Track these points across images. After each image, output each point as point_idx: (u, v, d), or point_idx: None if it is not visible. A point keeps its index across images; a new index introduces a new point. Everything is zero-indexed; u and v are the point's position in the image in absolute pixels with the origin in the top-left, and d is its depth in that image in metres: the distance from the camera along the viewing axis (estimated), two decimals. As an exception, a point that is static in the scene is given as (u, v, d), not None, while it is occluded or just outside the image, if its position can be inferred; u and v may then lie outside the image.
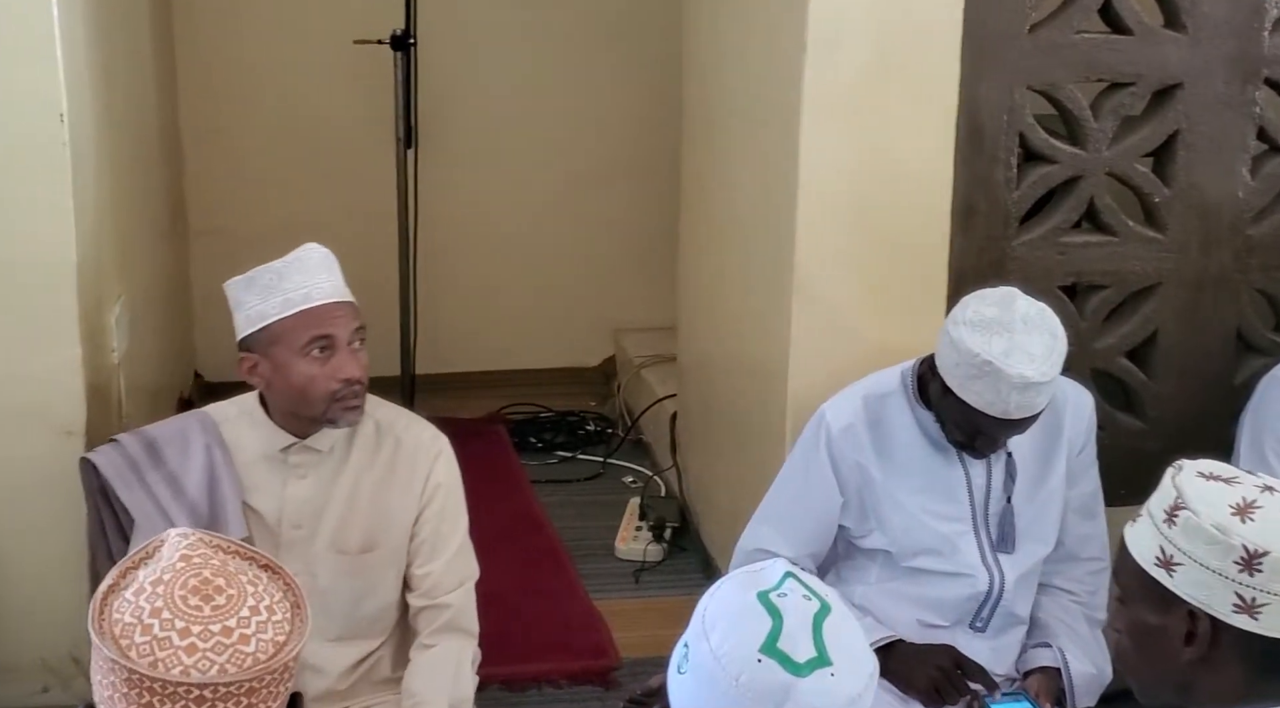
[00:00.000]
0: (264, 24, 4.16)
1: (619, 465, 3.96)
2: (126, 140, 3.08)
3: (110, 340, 2.72)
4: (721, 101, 3.15)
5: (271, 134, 4.23)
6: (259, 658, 1.17)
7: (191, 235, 4.18)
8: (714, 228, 3.26)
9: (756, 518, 2.39)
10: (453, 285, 4.39)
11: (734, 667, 1.22)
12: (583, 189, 4.45)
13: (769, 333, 2.76)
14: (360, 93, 4.14)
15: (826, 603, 1.27)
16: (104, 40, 2.80)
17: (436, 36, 3.99)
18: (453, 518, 2.21)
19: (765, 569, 1.31)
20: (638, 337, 4.36)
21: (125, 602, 1.18)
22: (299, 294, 2.07)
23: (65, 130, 2.39)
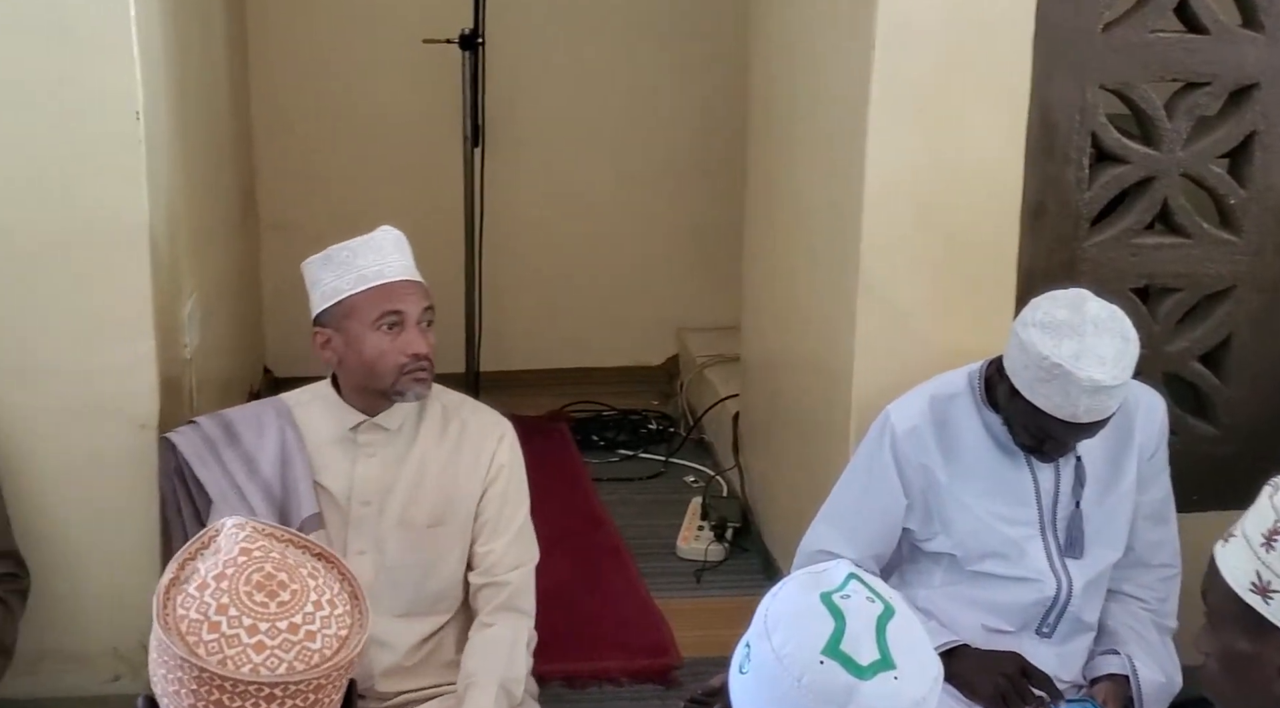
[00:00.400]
0: (335, 23, 4.21)
1: (681, 465, 3.96)
2: (200, 138, 3.13)
3: (183, 335, 2.77)
4: (788, 99, 3.14)
5: (340, 131, 4.28)
6: (325, 654, 1.17)
7: (262, 231, 4.24)
8: (779, 227, 3.24)
9: (819, 519, 2.38)
10: (517, 283, 4.41)
11: (796, 668, 1.21)
12: (647, 188, 4.45)
13: (834, 333, 2.74)
14: (428, 91, 4.17)
15: (890, 605, 1.26)
16: (179, 39, 2.85)
17: (504, 36, 4.01)
18: (515, 500, 2.28)
19: (828, 570, 1.30)
20: (701, 336, 4.36)
21: (189, 597, 1.18)
22: (372, 271, 2.17)
23: (141, 128, 2.42)
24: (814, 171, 2.92)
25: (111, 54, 2.39)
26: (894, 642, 1.22)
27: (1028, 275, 2.58)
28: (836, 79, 2.72)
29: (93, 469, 2.54)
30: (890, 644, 1.22)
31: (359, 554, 2.21)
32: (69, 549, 2.54)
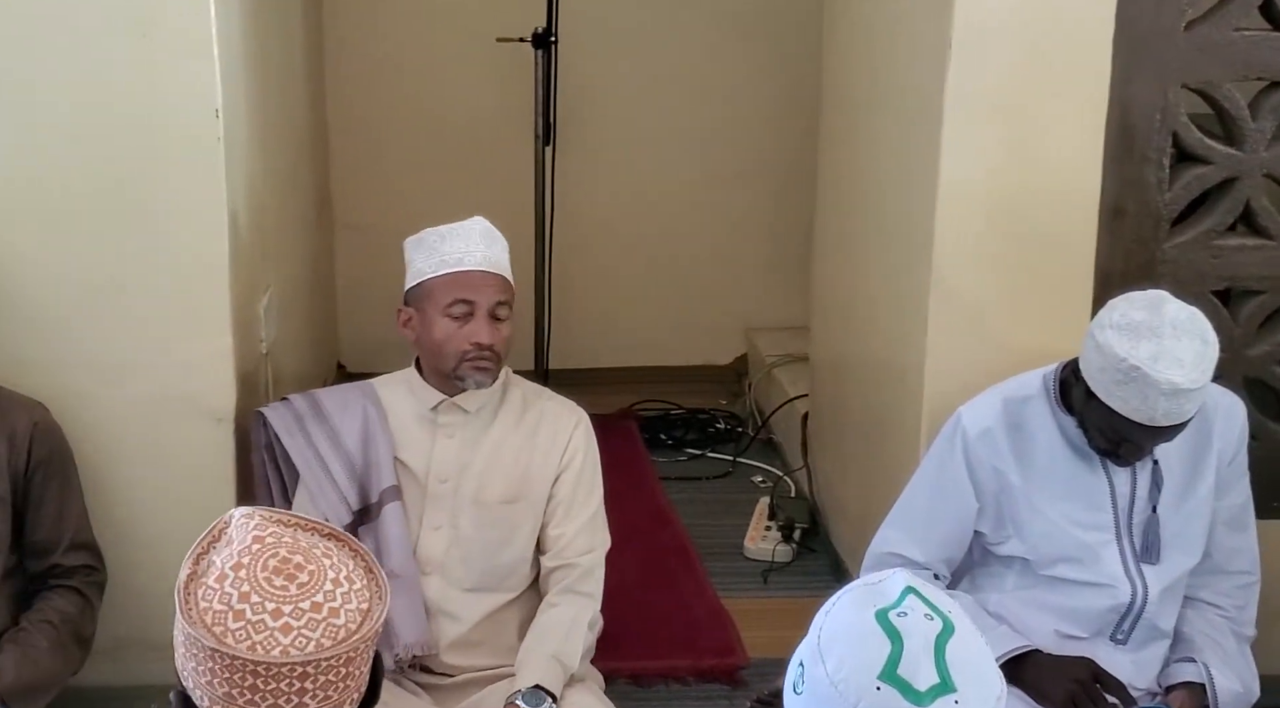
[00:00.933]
0: (410, 22, 4.25)
1: (748, 464, 3.95)
2: (277, 135, 3.17)
3: (259, 330, 2.81)
4: (862, 98, 3.12)
5: (414, 130, 4.32)
6: (350, 629, 1.20)
7: (336, 229, 4.29)
8: (851, 226, 3.23)
9: (889, 522, 2.36)
10: (587, 282, 4.42)
11: (852, 694, 1.18)
12: (717, 187, 4.45)
13: (905, 334, 2.72)
14: (501, 90, 4.20)
15: (950, 622, 1.22)
16: (258, 38, 2.89)
17: (577, 34, 4.03)
18: (588, 485, 2.33)
19: (884, 582, 1.26)
20: (770, 335, 4.34)
21: (210, 590, 1.20)
22: (453, 257, 2.24)
23: (220, 125, 2.46)
24: (887, 170, 2.90)
25: (192, 53, 2.42)
26: (954, 663, 1.19)
27: (1105, 277, 2.54)
28: (912, 77, 2.70)
29: (171, 462, 2.59)
30: (950, 666, 1.19)
31: (434, 529, 2.28)
32: (147, 541, 2.59)
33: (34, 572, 2.34)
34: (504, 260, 2.30)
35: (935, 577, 2.29)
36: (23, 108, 2.42)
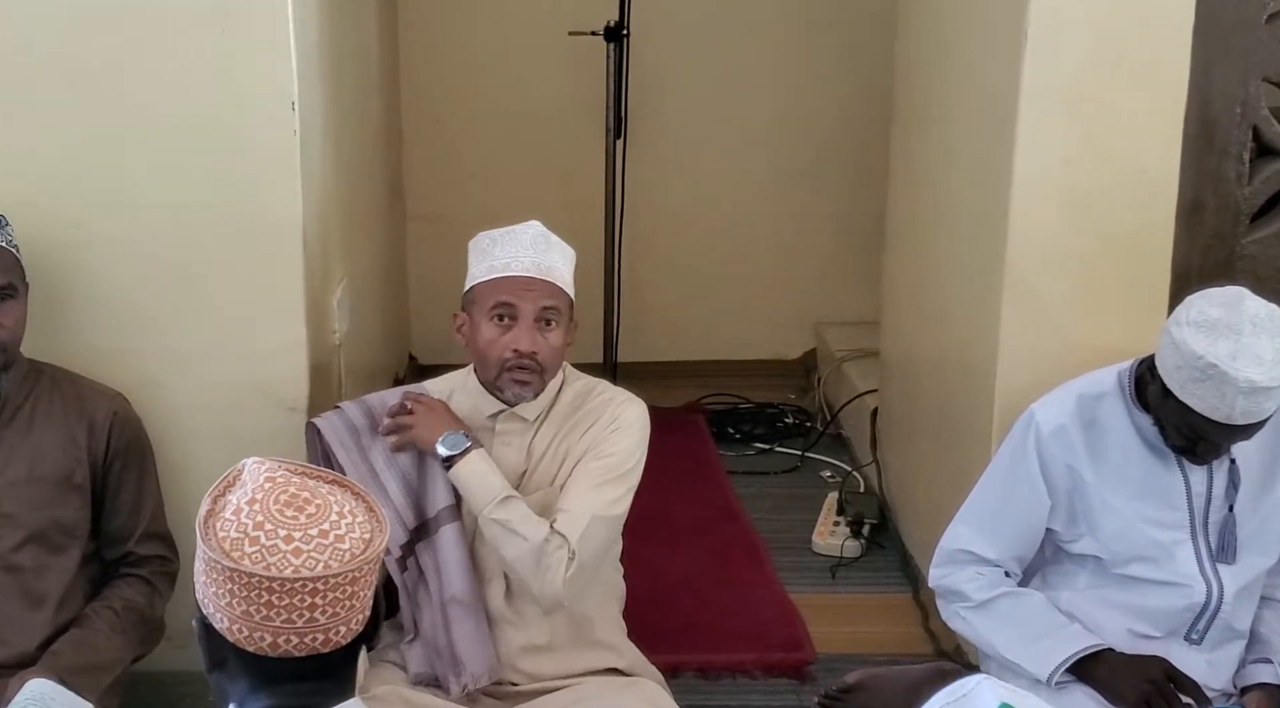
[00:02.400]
0: (483, 15, 4.29)
1: (817, 459, 3.94)
2: (351, 128, 3.21)
3: (332, 321, 2.84)
4: (935, 92, 3.09)
5: (486, 123, 4.35)
6: (355, 552, 1.32)
7: (408, 221, 4.34)
8: (922, 221, 3.20)
9: (959, 519, 2.34)
10: (656, 275, 4.43)
11: None
12: (788, 181, 4.43)
13: (978, 329, 2.69)
14: (572, 83, 4.22)
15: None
16: (334, 31, 2.92)
17: (649, 28, 4.03)
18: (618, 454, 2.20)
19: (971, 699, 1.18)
20: (840, 330, 4.32)
21: (227, 522, 1.32)
22: (501, 263, 2.19)
23: (296, 118, 2.49)
24: (960, 165, 2.87)
25: (269, 46, 2.45)
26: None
27: (1182, 273, 2.50)
28: (986, 70, 2.67)
29: (244, 450, 2.57)
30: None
31: None
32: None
33: (109, 559, 2.38)
34: (557, 266, 2.23)
35: (1006, 574, 2.27)
36: (102, 100, 2.46)
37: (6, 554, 2.24)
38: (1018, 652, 2.18)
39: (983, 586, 2.26)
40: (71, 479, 2.29)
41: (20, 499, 2.25)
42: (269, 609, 1.29)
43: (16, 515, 2.24)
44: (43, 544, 2.27)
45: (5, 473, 2.24)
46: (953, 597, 2.29)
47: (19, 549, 2.25)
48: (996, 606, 2.23)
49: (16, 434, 2.25)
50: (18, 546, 2.25)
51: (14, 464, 2.25)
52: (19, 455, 2.25)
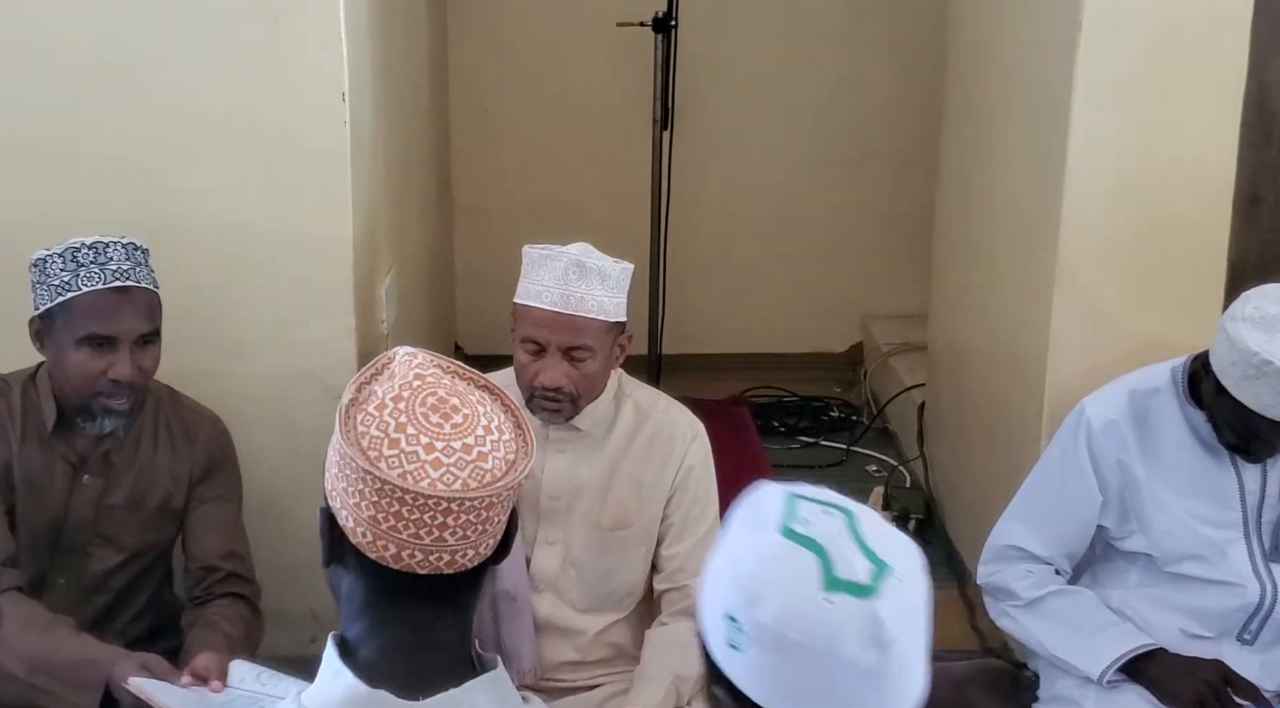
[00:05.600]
0: (532, 6, 4.29)
1: (863, 453, 3.92)
2: (401, 120, 3.22)
3: (380, 311, 2.85)
4: (987, 84, 3.06)
5: (533, 114, 4.36)
6: (495, 475, 1.21)
7: (456, 211, 4.35)
8: (972, 213, 3.17)
9: (1008, 514, 2.32)
10: (701, 267, 4.43)
11: (808, 623, 1.08)
12: (836, 173, 4.41)
13: (1028, 323, 2.67)
14: (619, 75, 4.22)
15: (845, 508, 1.15)
16: (385, 23, 2.93)
17: (697, 18, 4.02)
18: (703, 502, 2.24)
19: (761, 503, 1.16)
20: (887, 323, 4.30)
21: (370, 416, 1.21)
22: (534, 288, 2.13)
23: (346, 109, 2.50)
24: (1012, 157, 2.85)
25: (320, 38, 2.47)
26: (876, 544, 1.12)
27: (1238, 267, 2.47)
28: (1039, 61, 2.64)
29: (295, 437, 2.65)
30: (875, 548, 1.11)
31: (549, 544, 2.22)
32: (273, 514, 2.65)
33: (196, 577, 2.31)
34: (593, 297, 2.12)
35: (1056, 572, 2.25)
36: (154, 92, 2.48)
37: (101, 576, 2.24)
38: (1068, 650, 2.16)
39: (1032, 583, 2.24)
40: (170, 504, 2.27)
41: (121, 524, 2.23)
42: (397, 520, 1.18)
43: (117, 539, 2.24)
44: (136, 565, 2.27)
45: (110, 498, 2.23)
46: (1001, 594, 2.27)
47: (115, 572, 2.25)
48: (1046, 603, 2.21)
49: (123, 460, 2.23)
50: (114, 569, 2.25)
51: (119, 490, 2.23)
52: (124, 482, 2.23)
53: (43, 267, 2.11)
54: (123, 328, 2.10)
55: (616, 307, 2.15)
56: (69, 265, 2.09)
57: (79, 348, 2.10)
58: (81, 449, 2.21)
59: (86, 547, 2.23)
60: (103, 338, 2.09)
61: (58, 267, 2.09)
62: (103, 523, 2.23)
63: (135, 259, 2.14)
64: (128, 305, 2.11)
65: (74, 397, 2.15)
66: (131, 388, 2.13)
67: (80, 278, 2.08)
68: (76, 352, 2.10)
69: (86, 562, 2.23)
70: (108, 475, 2.22)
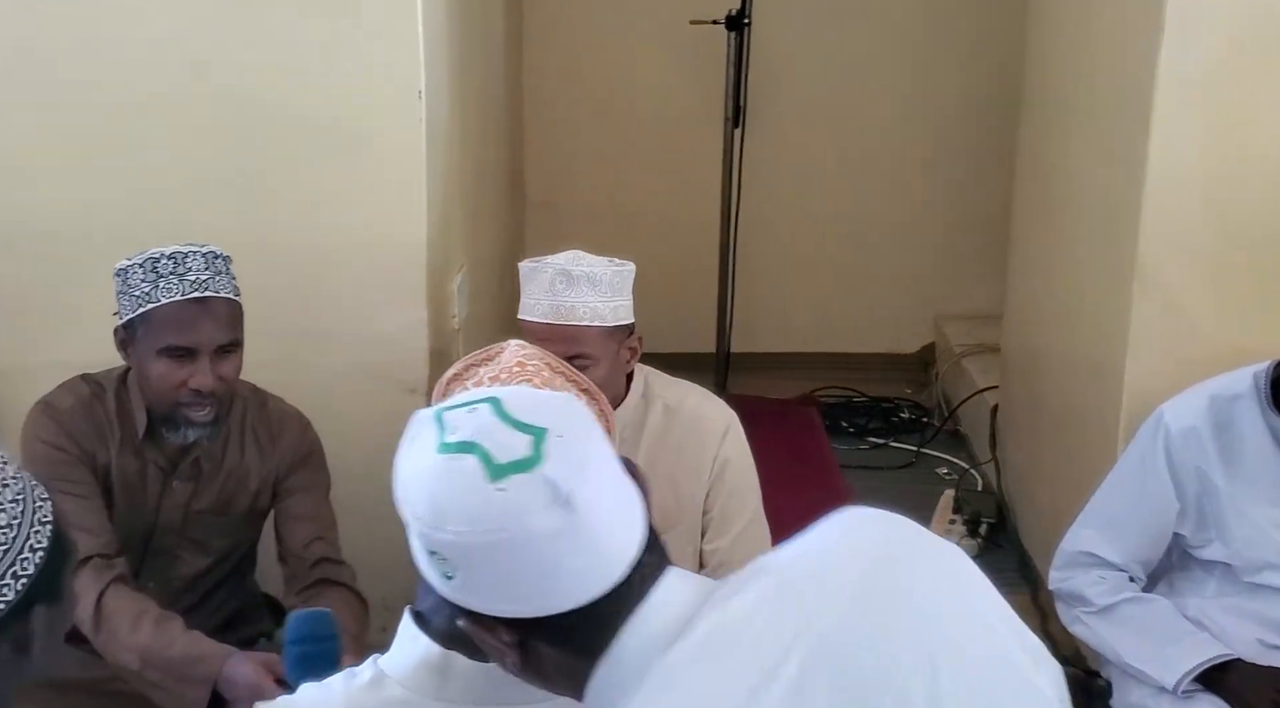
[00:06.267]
0: (607, 5, 4.30)
1: (933, 456, 3.88)
2: (475, 117, 3.24)
3: (452, 306, 2.87)
4: (1066, 82, 3.02)
5: (606, 111, 4.37)
6: None
7: (527, 207, 4.37)
8: (1050, 213, 3.13)
9: (1082, 520, 2.29)
10: (771, 265, 4.41)
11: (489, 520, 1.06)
12: (910, 171, 4.38)
13: (1106, 326, 2.63)
14: (692, 72, 4.21)
15: (490, 396, 1.13)
16: (461, 20, 2.95)
17: (771, 16, 4.01)
18: (741, 494, 2.22)
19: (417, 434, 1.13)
20: (960, 324, 4.26)
21: (466, 391, 1.26)
22: (526, 303, 2.16)
23: (422, 107, 2.52)
24: (1091, 157, 2.80)
25: (397, 35, 2.49)
26: (526, 413, 1.10)
27: (1325, 271, 2.41)
28: (1120, 61, 2.60)
29: (367, 429, 2.66)
30: (526, 418, 1.09)
31: None
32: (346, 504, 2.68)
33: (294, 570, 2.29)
34: (584, 303, 2.12)
35: (1130, 579, 2.21)
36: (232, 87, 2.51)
37: (190, 579, 2.27)
38: (1142, 659, 2.12)
39: (1105, 590, 2.20)
40: (256, 505, 2.29)
41: (209, 528, 2.26)
42: None
43: (205, 543, 2.27)
44: (222, 568, 2.30)
45: (198, 503, 2.25)
46: (1074, 601, 2.24)
47: (203, 575, 2.28)
48: (1120, 611, 2.18)
49: (212, 466, 2.25)
50: (202, 572, 2.28)
51: (207, 495, 2.25)
52: (212, 487, 2.25)
53: (124, 277, 2.11)
54: (201, 339, 2.09)
55: (614, 310, 2.14)
56: (149, 276, 2.08)
57: (159, 359, 2.10)
58: (171, 455, 2.22)
59: (175, 550, 2.25)
60: (182, 349, 2.09)
61: (138, 278, 2.09)
62: (191, 528, 2.25)
63: (215, 268, 2.13)
64: (207, 316, 2.10)
65: (158, 406, 2.15)
66: (213, 397, 2.13)
67: (160, 289, 2.08)
68: (157, 362, 2.10)
69: (175, 565, 2.26)
70: (197, 481, 2.24)
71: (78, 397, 2.20)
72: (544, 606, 1.08)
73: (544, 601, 1.08)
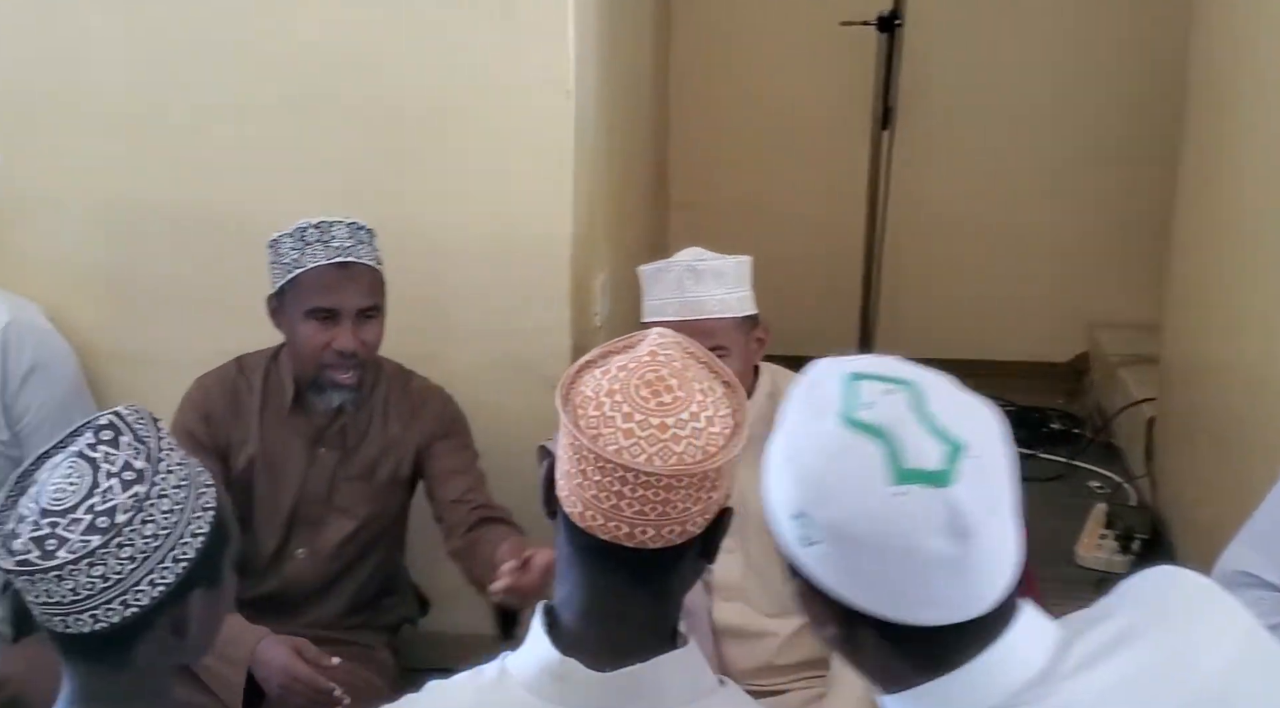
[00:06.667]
0: (757, 4, 4.28)
1: (1084, 468, 3.77)
2: (622, 117, 3.25)
3: (594, 305, 2.89)
4: (1233, 82, 2.90)
5: (752, 112, 4.35)
6: (684, 459, 1.20)
7: (671, 208, 4.37)
8: (1214, 219, 3.01)
9: (1240, 538, 2.18)
10: (917, 269, 4.33)
11: (876, 520, 1.00)
12: (1064, 174, 4.26)
13: (1272, 336, 2.51)
14: (839, 74, 4.17)
15: (908, 381, 1.05)
16: (610, 20, 2.96)
17: (925, 16, 3.94)
18: None
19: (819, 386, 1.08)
20: (1115, 333, 4.12)
21: (594, 378, 1.25)
22: (655, 304, 2.15)
23: (571, 106, 2.54)
24: (1260, 159, 2.68)
25: (549, 34, 2.51)
26: (945, 419, 1.02)
27: None
28: (1294, 58, 2.48)
29: (509, 421, 2.70)
30: (945, 424, 1.01)
31: (728, 552, 2.14)
32: (489, 497, 2.72)
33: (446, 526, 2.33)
34: (712, 297, 2.13)
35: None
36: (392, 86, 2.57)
37: (337, 545, 2.35)
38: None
39: (1263, 611, 2.09)
40: (399, 473, 2.36)
41: (354, 495, 2.34)
42: (584, 478, 1.21)
43: (351, 510, 2.34)
44: (366, 533, 2.37)
45: (344, 471, 2.34)
46: (1232, 621, 2.14)
47: (349, 540, 2.35)
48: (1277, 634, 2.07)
49: (357, 435, 2.34)
50: (348, 536, 2.35)
51: (353, 463, 2.34)
52: (357, 455, 2.34)
53: (275, 247, 2.23)
54: (344, 301, 2.21)
55: (740, 301, 2.16)
56: (296, 244, 2.21)
57: (306, 321, 2.21)
58: (318, 424, 2.32)
59: (324, 517, 2.34)
60: (326, 310, 2.20)
61: (287, 246, 2.22)
62: (338, 495, 2.33)
63: (358, 237, 2.24)
64: (349, 280, 2.21)
65: (304, 370, 2.27)
66: (355, 360, 2.23)
67: (306, 255, 2.20)
68: (304, 324, 2.22)
69: (323, 531, 2.34)
70: (343, 449, 2.33)
71: (222, 377, 2.34)
72: (897, 612, 1.05)
73: (899, 609, 1.05)
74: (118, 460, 1.28)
